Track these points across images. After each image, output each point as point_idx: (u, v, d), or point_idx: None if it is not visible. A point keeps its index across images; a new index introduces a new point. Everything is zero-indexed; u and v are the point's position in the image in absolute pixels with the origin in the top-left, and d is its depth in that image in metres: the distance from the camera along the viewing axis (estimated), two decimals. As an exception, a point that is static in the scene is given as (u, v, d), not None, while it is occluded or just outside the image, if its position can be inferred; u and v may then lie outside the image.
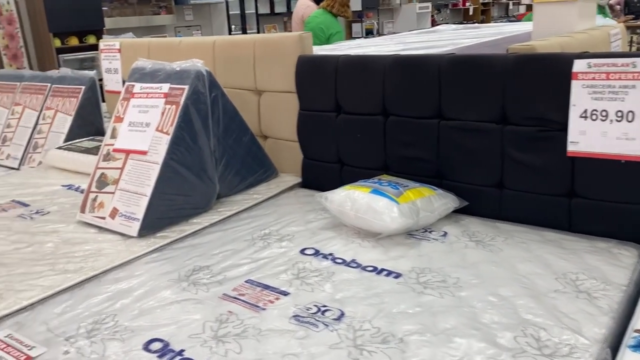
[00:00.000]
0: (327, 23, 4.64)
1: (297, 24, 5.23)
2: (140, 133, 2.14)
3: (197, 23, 8.58)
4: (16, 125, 3.71)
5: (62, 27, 6.45)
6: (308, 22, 4.80)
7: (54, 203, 2.44)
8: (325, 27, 4.62)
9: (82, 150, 2.93)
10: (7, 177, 2.94)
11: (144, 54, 3.05)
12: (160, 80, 2.19)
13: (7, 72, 4.10)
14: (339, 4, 4.64)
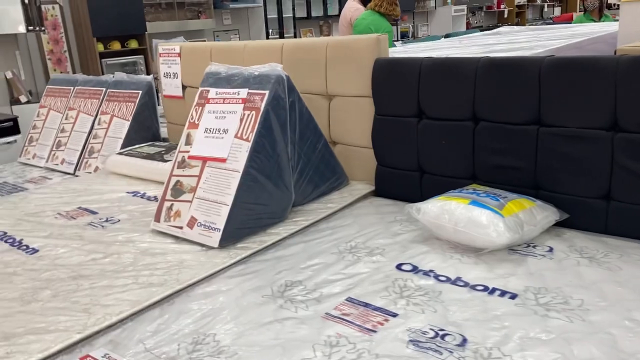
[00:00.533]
0: (376, 23, 4.53)
1: (345, 28, 5.13)
2: (217, 140, 2.06)
3: (235, 27, 8.55)
4: (70, 130, 3.69)
5: (105, 31, 6.46)
6: (357, 24, 4.70)
7: (123, 211, 2.38)
8: (374, 27, 4.52)
9: (144, 156, 2.88)
10: (68, 183, 2.90)
11: (204, 58, 2.99)
12: (237, 85, 2.11)
13: (60, 76, 4.09)
14: (387, 3, 4.53)
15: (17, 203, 2.59)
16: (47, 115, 3.96)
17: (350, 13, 5.09)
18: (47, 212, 2.43)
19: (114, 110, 3.46)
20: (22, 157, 3.93)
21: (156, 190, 2.63)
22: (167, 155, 2.84)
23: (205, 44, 3.04)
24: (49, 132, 3.85)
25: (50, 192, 2.72)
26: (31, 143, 3.93)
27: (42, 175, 3.53)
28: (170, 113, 3.35)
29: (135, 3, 6.64)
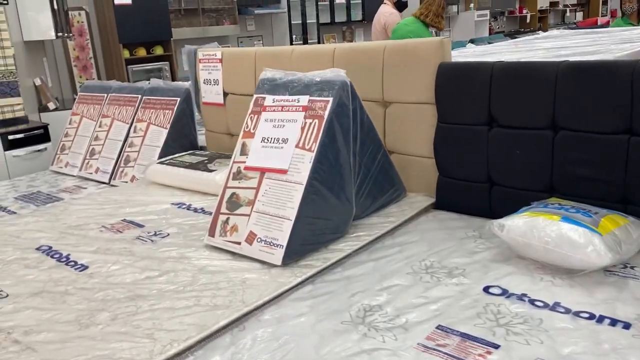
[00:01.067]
0: (417, 32, 4.40)
1: (378, 32, 5.01)
2: (276, 150, 1.93)
3: (258, 33, 8.48)
4: (105, 137, 3.60)
5: (132, 38, 6.41)
6: (397, 29, 4.57)
7: (170, 224, 2.26)
8: (415, 36, 4.38)
9: (186, 166, 2.76)
10: (108, 194, 2.79)
11: (248, 64, 2.88)
12: (297, 92, 1.98)
13: (92, 83, 4.01)
14: (433, 14, 4.40)
15: (57, 215, 2.48)
16: (79, 122, 3.87)
17: (384, 18, 4.97)
18: (91, 224, 2.32)
19: (151, 117, 3.36)
20: (54, 166, 3.84)
21: (202, 201, 2.51)
22: (211, 165, 2.73)
23: (248, 49, 2.93)
24: (82, 140, 3.77)
25: (90, 203, 2.62)
26: (63, 151, 3.85)
27: (76, 185, 3.44)
28: (209, 120, 3.24)
29: (161, 9, 6.58)
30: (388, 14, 4.96)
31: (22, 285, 1.78)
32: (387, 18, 4.92)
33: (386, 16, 4.95)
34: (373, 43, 2.40)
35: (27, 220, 2.43)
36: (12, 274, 1.88)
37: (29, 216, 2.52)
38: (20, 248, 2.10)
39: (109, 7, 6.22)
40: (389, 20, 4.89)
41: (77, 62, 6.43)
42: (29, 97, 4.88)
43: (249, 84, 2.90)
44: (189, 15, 7.48)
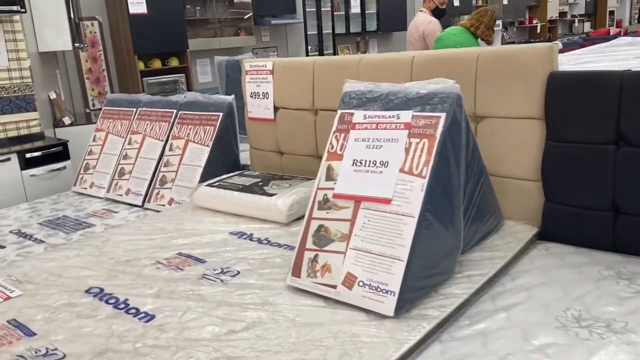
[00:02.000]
0: (466, 43, 4.14)
1: (415, 41, 4.75)
2: (374, 175, 1.64)
3: (273, 44, 8.23)
4: (135, 156, 3.30)
5: (147, 49, 6.13)
6: (442, 38, 4.31)
7: (236, 258, 1.95)
8: (461, 47, 4.13)
9: (239, 189, 2.46)
10: (153, 221, 2.48)
11: (304, 76, 2.60)
12: (395, 107, 1.69)
13: (118, 96, 3.71)
14: (485, 27, 4.14)
15: (100, 247, 2.18)
16: (105, 139, 3.57)
17: (423, 26, 4.71)
18: (142, 259, 2.02)
19: (189, 134, 3.06)
20: (77, 186, 3.53)
21: (263, 230, 2.22)
22: (268, 188, 2.43)
23: (304, 59, 2.65)
24: (109, 159, 3.46)
25: (135, 233, 2.31)
26: (87, 171, 3.54)
27: (105, 208, 3.13)
28: (256, 138, 2.95)
29: (177, 19, 6.32)
30: (427, 22, 4.70)
31: (80, 342, 1.47)
32: (427, 27, 4.66)
33: (425, 24, 4.69)
34: (464, 51, 2.12)
35: (66, 255, 2.12)
36: (64, 325, 1.57)
37: (67, 248, 2.21)
38: (66, 290, 1.79)
39: (124, 17, 5.95)
40: (428, 28, 4.63)
41: (89, 75, 6.15)
42: (44, 111, 4.58)
43: (305, 97, 2.61)
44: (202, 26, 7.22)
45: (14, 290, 1.83)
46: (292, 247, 1.99)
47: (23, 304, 1.72)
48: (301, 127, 2.66)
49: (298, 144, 2.71)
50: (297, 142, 2.70)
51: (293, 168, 2.77)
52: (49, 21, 4.56)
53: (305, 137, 2.66)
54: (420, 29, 4.71)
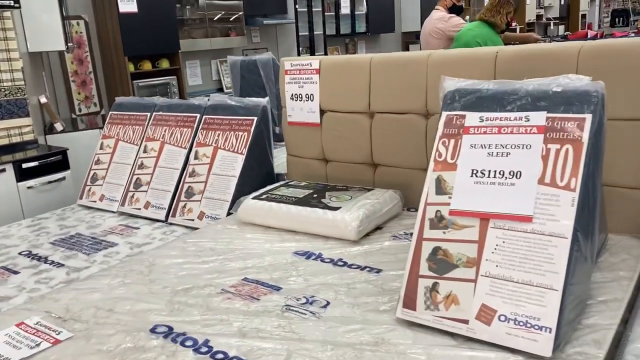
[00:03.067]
0: (484, 36, 3.97)
1: (436, 41, 4.54)
2: (503, 187, 1.40)
3: (263, 45, 7.95)
4: (154, 165, 2.99)
5: (138, 50, 5.77)
6: (459, 37, 4.13)
7: (317, 285, 1.69)
8: (482, 40, 3.95)
9: (293, 202, 2.20)
10: (196, 240, 2.18)
11: (359, 75, 2.35)
12: (519, 107, 1.46)
13: (128, 100, 3.38)
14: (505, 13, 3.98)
15: (146, 273, 1.88)
16: (114, 147, 3.24)
17: (442, 24, 4.51)
18: (204, 287, 1.73)
19: (218, 141, 2.77)
20: (84, 199, 3.20)
21: (332, 248, 1.96)
22: (326, 200, 2.17)
23: (360, 56, 2.40)
24: (121, 169, 3.14)
25: (182, 255, 2.01)
26: (95, 182, 3.21)
27: (122, 224, 2.81)
28: (295, 144, 2.68)
29: (169, 19, 5.99)
30: (447, 17, 4.50)
31: (170, 401, 1.19)
32: (448, 21, 4.46)
33: (445, 20, 4.49)
34: (561, 45, 1.91)
35: (109, 284, 1.81)
36: (140, 378, 1.28)
37: (106, 276, 1.90)
38: (126, 330, 1.49)
39: (113, 16, 5.59)
40: (449, 23, 4.44)
41: (75, 77, 5.76)
42: (35, 117, 4.20)
43: (359, 99, 2.36)
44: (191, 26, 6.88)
45: (61, 332, 1.52)
46: (377, 269, 1.75)
47: (77, 349, 1.42)
48: (353, 132, 2.41)
49: (348, 150, 2.45)
50: (348, 148, 2.45)
51: (341, 177, 2.52)
52: (40, 19, 4.18)
53: (358, 143, 2.41)
54: (439, 25, 4.52)
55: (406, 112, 2.24)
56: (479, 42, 3.96)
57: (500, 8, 4.01)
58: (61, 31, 4.26)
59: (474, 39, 3.99)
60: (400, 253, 1.87)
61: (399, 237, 2.01)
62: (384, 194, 2.17)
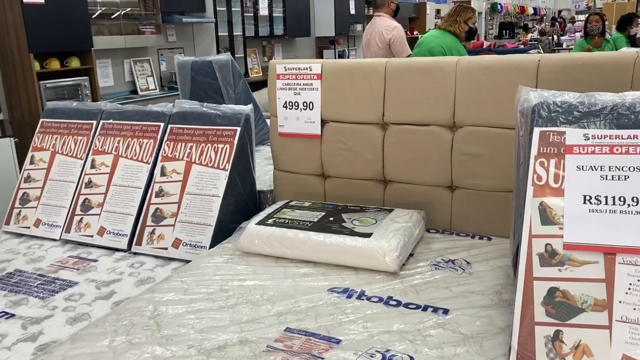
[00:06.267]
0: (448, 43, 3.90)
1: (379, 49, 4.39)
2: (628, 216, 1.22)
3: (180, 45, 7.41)
4: (107, 183, 2.52)
5: (44, 46, 5.07)
6: (423, 42, 4.02)
7: (381, 333, 1.41)
8: (446, 48, 3.88)
9: (308, 227, 1.89)
10: (196, 277, 1.79)
11: (370, 80, 2.10)
12: (635, 124, 1.29)
13: (65, 105, 2.85)
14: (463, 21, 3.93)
15: (154, 327, 1.48)
16: (50, 161, 2.71)
17: (388, 32, 4.37)
18: (239, 343, 1.38)
19: (191, 155, 2.38)
20: (13, 225, 2.65)
21: (373, 284, 1.69)
22: (348, 224, 1.89)
23: (373, 60, 2.13)
24: (62, 187, 2.63)
25: (189, 300, 1.63)
26: (26, 204, 2.66)
27: (73, 255, 2.35)
28: (286, 158, 2.36)
29: (80, 12, 5.35)
30: (392, 27, 4.38)
31: None
32: (394, 32, 4.34)
33: (390, 30, 4.37)
34: (613, 53, 1.78)
35: (112, 346, 1.39)
36: None
37: (101, 334, 1.47)
38: (170, 418, 1.12)
39: (15, 7, 4.87)
40: (396, 34, 4.32)
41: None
42: None
43: (371, 108, 2.11)
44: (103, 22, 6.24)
45: None
46: (442, 309, 1.51)
47: None
48: (362, 144, 2.15)
49: (354, 165, 2.19)
50: (353, 163, 2.19)
51: (343, 195, 2.25)
52: None
53: (367, 156, 2.16)
54: (386, 35, 4.38)
55: (428, 123, 2.02)
56: (444, 49, 3.88)
57: (457, 17, 3.98)
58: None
59: (439, 45, 3.91)
60: (453, 286, 1.64)
61: (440, 265, 1.78)
62: (411, 215, 1.93)
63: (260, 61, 8.82)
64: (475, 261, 1.79)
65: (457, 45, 3.95)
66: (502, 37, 17.91)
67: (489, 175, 1.95)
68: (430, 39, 4.06)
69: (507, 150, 1.87)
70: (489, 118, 1.91)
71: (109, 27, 6.27)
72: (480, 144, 1.94)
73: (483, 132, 1.93)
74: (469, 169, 1.98)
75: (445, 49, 3.86)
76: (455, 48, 3.90)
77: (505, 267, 1.74)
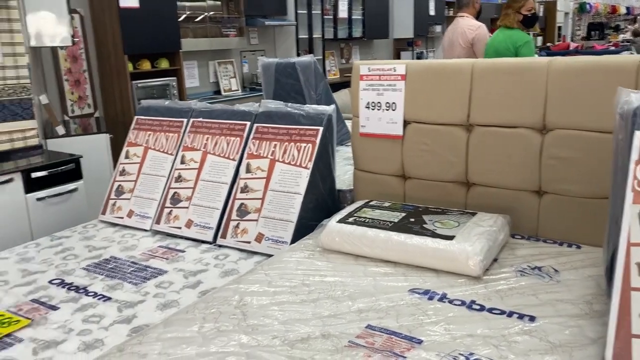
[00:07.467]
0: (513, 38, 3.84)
1: (462, 49, 4.33)
2: None
3: (261, 47, 7.61)
4: (195, 178, 2.64)
5: (138, 48, 5.36)
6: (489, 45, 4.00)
7: (464, 336, 1.39)
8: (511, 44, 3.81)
9: (390, 227, 1.90)
10: (278, 271, 1.85)
11: (456, 82, 2.07)
12: None
13: (157, 103, 3.02)
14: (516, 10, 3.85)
15: (241, 317, 1.54)
16: (143, 156, 2.88)
17: (471, 32, 4.30)
18: (321, 336, 1.41)
19: (275, 153, 2.45)
20: (108, 215, 2.82)
21: (455, 288, 1.68)
22: (429, 225, 1.88)
23: (459, 61, 2.12)
24: (153, 181, 2.78)
25: (273, 293, 1.68)
26: (121, 195, 2.84)
27: (162, 245, 2.47)
28: (366, 158, 2.38)
29: (170, 16, 5.60)
30: (476, 26, 4.30)
31: None
32: (477, 31, 4.26)
33: (474, 29, 4.28)
34: None
35: (202, 332, 1.47)
36: None
37: (191, 320, 1.55)
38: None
39: (112, 11, 5.17)
40: (480, 33, 4.23)
41: (68, 76, 5.32)
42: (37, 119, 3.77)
43: (456, 109, 2.09)
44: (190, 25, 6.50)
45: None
46: (528, 316, 1.47)
47: None
48: (445, 146, 2.13)
49: (436, 167, 2.17)
50: (435, 164, 2.17)
51: (423, 197, 2.23)
52: (44, 10, 3.76)
53: (450, 158, 2.13)
54: (469, 35, 4.31)
55: (516, 125, 1.97)
56: (509, 47, 3.80)
57: (507, 10, 3.92)
58: (67, 24, 3.85)
59: (501, 44, 3.85)
60: (540, 293, 1.59)
61: (526, 272, 1.74)
62: (496, 219, 1.89)
63: (337, 63, 8.90)
64: (564, 269, 1.73)
65: (517, 38, 3.85)
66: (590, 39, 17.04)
67: (580, 180, 1.87)
68: (493, 39, 4.02)
69: (601, 155, 1.80)
70: (582, 121, 1.84)
71: (194, 29, 6.54)
72: (572, 148, 1.87)
73: (575, 135, 1.86)
74: (559, 173, 1.91)
75: (510, 46, 3.79)
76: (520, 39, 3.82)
77: (596, 276, 1.67)
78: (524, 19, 3.91)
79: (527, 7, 3.91)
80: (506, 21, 3.97)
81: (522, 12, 3.94)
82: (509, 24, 3.96)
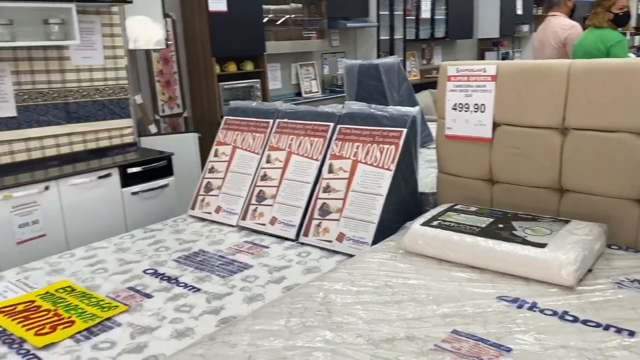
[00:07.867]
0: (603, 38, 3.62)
1: (553, 49, 4.15)
2: None
3: (342, 49, 7.66)
4: (280, 177, 2.70)
5: (225, 51, 5.55)
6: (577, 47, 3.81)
7: (559, 347, 1.34)
8: (601, 44, 3.59)
9: (477, 232, 1.85)
10: (361, 270, 1.86)
11: (550, 83, 1.99)
12: None
13: (245, 104, 3.12)
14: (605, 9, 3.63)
15: (326, 314, 1.56)
16: (231, 155, 2.98)
17: (564, 31, 4.11)
18: (406, 338, 1.40)
19: (357, 154, 2.46)
20: (197, 210, 2.95)
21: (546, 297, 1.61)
22: (519, 232, 1.82)
23: (554, 62, 2.04)
24: (240, 179, 2.88)
25: (356, 292, 1.69)
26: (209, 192, 2.95)
27: (248, 241, 2.55)
28: (451, 160, 2.34)
29: (256, 19, 5.75)
30: (569, 26, 4.11)
31: None
32: (570, 31, 4.07)
33: (567, 28, 4.09)
34: None
35: (288, 326, 1.50)
36: None
37: (278, 314, 1.59)
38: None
39: (202, 15, 5.38)
40: (573, 33, 4.04)
41: (160, 77, 5.58)
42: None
43: (550, 112, 2.01)
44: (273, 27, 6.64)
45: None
46: (627, 330, 1.39)
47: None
48: (537, 150, 2.06)
49: (527, 171, 2.10)
50: (526, 169, 2.10)
51: (512, 202, 2.16)
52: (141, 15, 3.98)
53: (542, 163, 2.05)
54: (562, 34, 4.12)
55: (616, 130, 1.87)
56: (599, 47, 3.58)
57: (597, 8, 3.68)
58: (162, 28, 4.06)
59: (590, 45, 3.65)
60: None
61: (624, 284, 1.64)
62: (591, 228, 1.80)
63: (418, 64, 8.79)
64: (667, 283, 1.62)
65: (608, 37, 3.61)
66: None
67: (686, 189, 1.75)
68: (582, 40, 3.80)
69: None
70: (692, 126, 1.72)
71: (276, 32, 6.69)
72: (679, 155, 1.75)
73: None
74: (664, 182, 1.79)
75: (601, 46, 3.57)
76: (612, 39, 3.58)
77: None
78: (614, 18, 3.69)
79: (618, 5, 3.68)
80: (595, 20, 3.76)
81: (613, 10, 3.71)
82: (597, 23, 3.74)
